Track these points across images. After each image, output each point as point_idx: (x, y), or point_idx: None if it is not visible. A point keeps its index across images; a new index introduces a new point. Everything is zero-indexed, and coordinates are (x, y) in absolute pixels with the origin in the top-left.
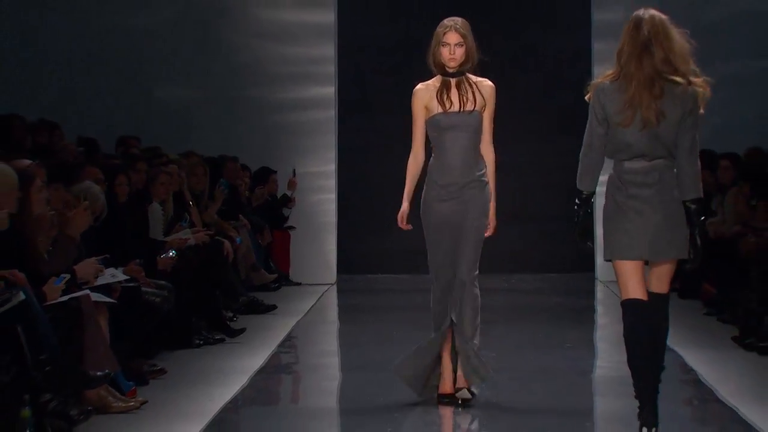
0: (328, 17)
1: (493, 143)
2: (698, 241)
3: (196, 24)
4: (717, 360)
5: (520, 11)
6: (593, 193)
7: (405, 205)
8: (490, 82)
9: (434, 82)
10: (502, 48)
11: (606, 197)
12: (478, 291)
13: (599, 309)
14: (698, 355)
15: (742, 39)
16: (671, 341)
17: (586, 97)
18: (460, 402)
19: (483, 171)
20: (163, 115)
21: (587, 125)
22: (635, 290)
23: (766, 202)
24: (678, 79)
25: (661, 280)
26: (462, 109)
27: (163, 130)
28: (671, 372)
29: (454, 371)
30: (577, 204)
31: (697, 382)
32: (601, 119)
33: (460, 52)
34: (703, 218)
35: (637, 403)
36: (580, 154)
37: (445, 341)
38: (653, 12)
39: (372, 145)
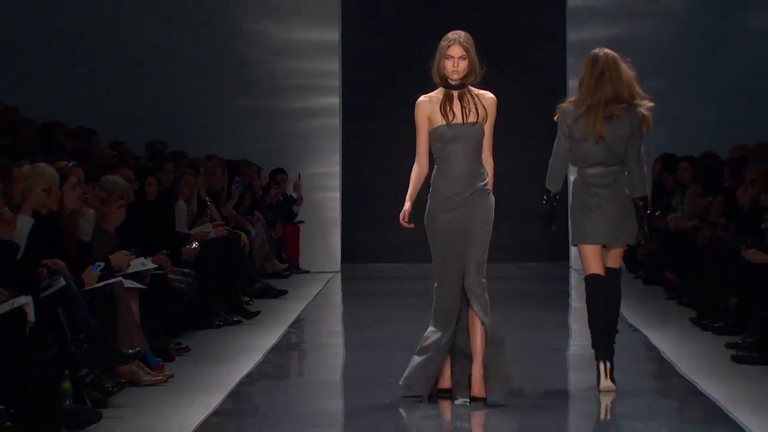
0: (332, 35)
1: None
2: (645, 228)
3: (216, 41)
4: (677, 339)
5: (503, 27)
6: (558, 192)
7: (408, 204)
8: (491, 95)
9: (437, 94)
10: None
11: (572, 196)
12: (486, 296)
13: (573, 294)
14: (660, 334)
15: (697, 55)
16: (637, 322)
17: (555, 118)
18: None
19: (486, 181)
20: (187, 122)
21: (556, 139)
22: (595, 267)
23: (719, 199)
24: (627, 102)
25: (615, 258)
26: (465, 121)
27: (187, 135)
28: (636, 350)
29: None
30: (545, 200)
31: (659, 359)
32: (566, 135)
33: (463, 65)
34: (648, 211)
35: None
36: (550, 161)
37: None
38: (606, 50)
39: (372, 149)
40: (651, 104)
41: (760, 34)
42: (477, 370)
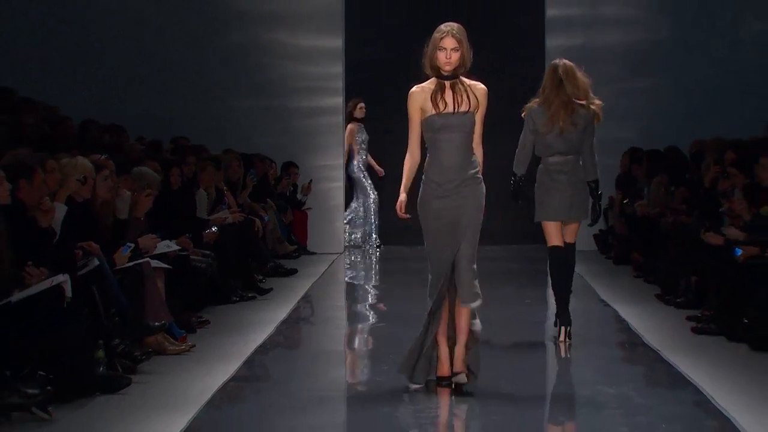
0: (336, 42)
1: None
2: (597, 207)
3: (234, 48)
4: (644, 313)
5: (493, 33)
6: (523, 174)
7: (402, 196)
8: (483, 86)
9: (429, 84)
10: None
11: (537, 181)
12: (477, 287)
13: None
14: (629, 309)
15: (662, 60)
16: (608, 298)
17: (522, 115)
18: (454, 386)
19: (477, 169)
20: (207, 119)
21: (522, 133)
22: (556, 240)
23: (681, 189)
24: (582, 103)
25: (571, 234)
26: (456, 110)
27: (207, 131)
28: (607, 322)
29: (451, 355)
30: (512, 181)
31: (627, 330)
32: (532, 130)
33: (455, 57)
34: (599, 192)
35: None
36: (517, 151)
37: (440, 327)
38: (564, 60)
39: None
40: (600, 103)
41: (718, 41)
42: (459, 348)
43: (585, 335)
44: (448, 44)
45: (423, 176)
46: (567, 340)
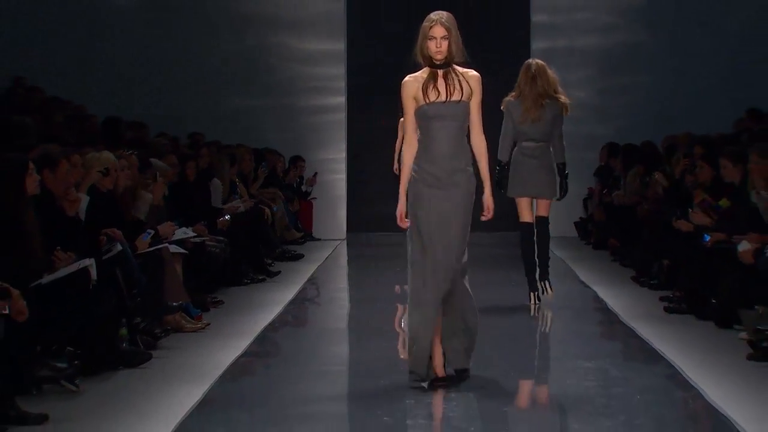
0: (339, 46)
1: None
2: (564, 184)
3: (246, 52)
4: (620, 294)
5: (483, 37)
6: (508, 161)
7: (402, 204)
8: (476, 73)
9: (422, 73)
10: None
11: (512, 161)
12: (467, 284)
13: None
14: (606, 290)
15: (637, 62)
16: (587, 280)
17: (502, 108)
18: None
19: (469, 160)
20: (222, 117)
21: (503, 122)
22: (527, 217)
23: (655, 180)
24: (551, 97)
25: (543, 209)
26: (448, 99)
27: (222, 128)
28: (587, 302)
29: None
30: (498, 168)
31: (605, 310)
32: (511, 120)
33: (446, 45)
34: (566, 172)
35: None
36: (500, 139)
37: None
38: (537, 60)
39: (371, 140)
40: (568, 99)
41: (690, 45)
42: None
43: (566, 314)
44: (438, 33)
45: (414, 166)
46: (549, 291)
